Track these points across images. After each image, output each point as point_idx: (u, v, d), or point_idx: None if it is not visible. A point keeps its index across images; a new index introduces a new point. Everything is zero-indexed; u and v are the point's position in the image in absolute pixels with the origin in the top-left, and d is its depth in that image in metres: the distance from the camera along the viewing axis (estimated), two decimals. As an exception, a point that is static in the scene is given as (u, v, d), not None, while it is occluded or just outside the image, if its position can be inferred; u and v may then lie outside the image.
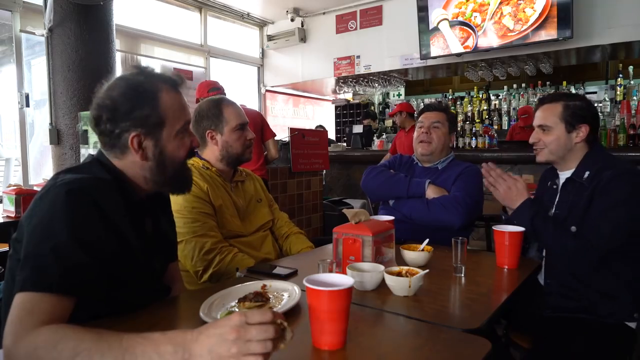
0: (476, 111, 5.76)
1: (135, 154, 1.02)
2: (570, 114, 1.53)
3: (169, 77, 1.08)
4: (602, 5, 3.79)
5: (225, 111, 1.63)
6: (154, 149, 1.04)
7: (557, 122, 1.54)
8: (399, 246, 1.43)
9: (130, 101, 1.01)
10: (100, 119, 1.01)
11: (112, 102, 1.00)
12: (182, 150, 1.09)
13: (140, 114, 1.01)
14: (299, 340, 0.82)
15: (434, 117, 2.04)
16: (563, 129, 1.54)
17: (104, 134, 1.02)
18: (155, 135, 1.04)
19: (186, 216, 1.49)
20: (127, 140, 1.01)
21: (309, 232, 3.96)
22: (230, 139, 1.64)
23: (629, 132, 3.50)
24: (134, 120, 1.01)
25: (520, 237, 1.39)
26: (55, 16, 3.11)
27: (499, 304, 1.08)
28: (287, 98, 6.96)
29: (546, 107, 1.59)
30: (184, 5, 5.01)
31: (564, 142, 1.54)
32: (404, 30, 4.82)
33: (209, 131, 1.64)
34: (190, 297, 1.17)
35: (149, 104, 1.02)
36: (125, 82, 1.03)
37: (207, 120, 1.64)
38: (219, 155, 1.65)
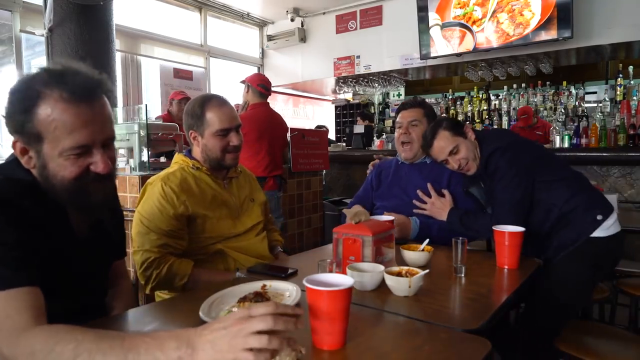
0: (476, 111, 5.76)
1: (25, 162, 0.92)
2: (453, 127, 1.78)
3: (73, 83, 0.88)
4: (602, 5, 3.79)
5: (208, 113, 1.53)
6: (37, 161, 0.91)
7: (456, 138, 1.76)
8: (399, 246, 1.43)
9: (14, 104, 0.90)
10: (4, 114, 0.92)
11: (7, 100, 0.91)
12: (69, 172, 0.91)
13: (18, 119, 0.88)
14: (299, 340, 0.82)
15: (411, 115, 1.99)
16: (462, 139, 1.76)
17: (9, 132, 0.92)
18: (36, 147, 0.90)
19: (141, 226, 1.45)
20: (14, 144, 0.92)
21: (309, 232, 3.97)
22: (209, 143, 1.54)
23: (629, 132, 3.50)
24: (14, 125, 0.90)
25: (520, 237, 1.39)
26: (55, 16, 3.11)
27: (499, 304, 1.08)
28: (287, 98, 6.96)
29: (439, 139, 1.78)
30: (183, 5, 5.01)
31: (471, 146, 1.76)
32: (404, 30, 4.81)
33: (191, 131, 1.58)
34: (190, 297, 1.17)
35: (26, 112, 0.87)
36: (21, 80, 0.92)
37: (191, 119, 1.56)
38: (201, 156, 1.58)
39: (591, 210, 1.65)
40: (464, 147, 1.74)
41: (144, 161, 2.77)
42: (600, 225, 1.63)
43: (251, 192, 1.73)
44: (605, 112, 4.01)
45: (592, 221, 1.64)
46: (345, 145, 5.42)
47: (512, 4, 4.05)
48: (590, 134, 3.64)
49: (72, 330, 0.74)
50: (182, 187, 1.50)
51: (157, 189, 1.47)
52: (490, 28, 4.21)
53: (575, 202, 1.65)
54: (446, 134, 1.76)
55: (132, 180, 2.68)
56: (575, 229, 1.65)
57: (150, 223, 1.44)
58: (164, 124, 3.12)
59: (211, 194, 1.56)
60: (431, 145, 1.79)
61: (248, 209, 1.67)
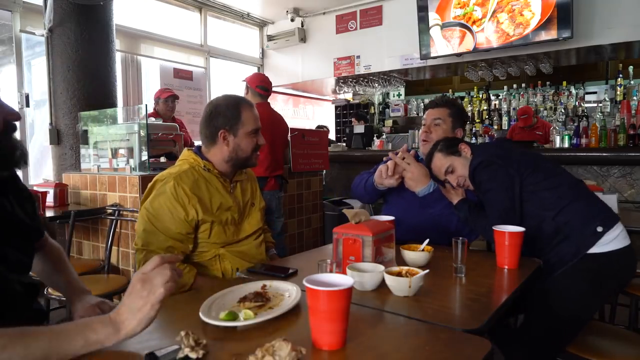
0: (476, 111, 5.77)
1: None
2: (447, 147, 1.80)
3: None
4: (602, 5, 3.79)
5: (243, 113, 1.57)
6: None
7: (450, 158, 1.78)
8: (399, 246, 1.43)
9: None
10: None
11: None
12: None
13: None
14: (299, 340, 0.82)
15: (435, 113, 1.98)
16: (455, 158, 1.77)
17: None
18: None
19: (148, 223, 1.44)
20: None
21: (309, 232, 3.97)
22: (242, 142, 1.57)
23: (629, 132, 3.50)
24: None
25: (520, 237, 1.39)
26: (55, 16, 3.11)
27: (499, 304, 1.08)
28: (287, 98, 6.96)
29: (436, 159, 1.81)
30: (184, 5, 5.01)
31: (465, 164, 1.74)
32: (404, 30, 4.82)
33: (222, 130, 1.56)
34: (190, 298, 1.17)
35: None
36: None
37: (223, 119, 1.56)
38: (227, 156, 1.58)
39: (590, 221, 1.55)
40: (458, 165, 1.75)
41: (144, 161, 2.78)
42: (602, 238, 1.52)
43: (252, 197, 1.73)
44: (605, 112, 4.02)
45: (591, 234, 1.53)
46: (345, 145, 5.43)
47: (512, 4, 4.05)
48: (590, 134, 3.65)
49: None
50: (194, 189, 1.49)
51: (169, 188, 1.45)
52: (490, 28, 4.21)
53: (570, 212, 1.57)
54: (439, 155, 1.80)
55: (132, 180, 2.68)
56: (574, 242, 1.55)
57: (159, 222, 1.43)
58: (165, 124, 3.12)
59: (219, 200, 1.55)
60: (430, 168, 1.83)
61: (249, 215, 1.67)
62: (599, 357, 1.38)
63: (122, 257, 2.84)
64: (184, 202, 1.45)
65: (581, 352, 1.41)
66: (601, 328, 1.69)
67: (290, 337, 0.78)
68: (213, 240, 1.52)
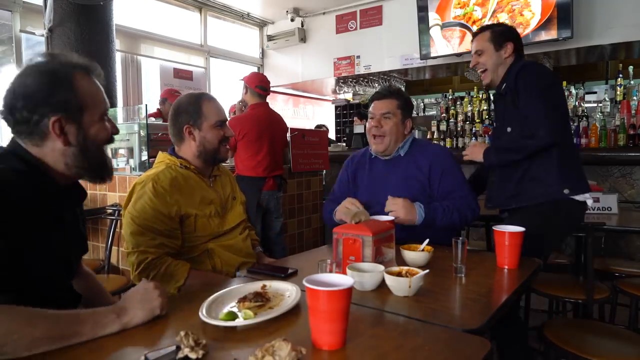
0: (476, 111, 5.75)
1: (57, 139, 1.00)
2: (497, 34, 1.92)
3: (81, 63, 1.06)
4: (602, 5, 3.79)
5: (204, 107, 1.59)
6: (77, 134, 1.03)
7: (487, 44, 1.93)
8: (399, 246, 1.43)
9: (47, 87, 0.99)
10: (14, 107, 0.98)
11: (27, 89, 0.98)
12: (104, 134, 1.08)
13: (59, 98, 0.99)
14: (299, 340, 0.82)
15: (383, 107, 1.87)
16: (492, 47, 1.92)
17: (19, 122, 0.99)
18: (77, 120, 1.02)
19: (134, 226, 1.44)
20: (46, 126, 0.99)
21: (309, 232, 3.97)
22: (208, 135, 1.59)
23: (629, 132, 3.50)
24: (53, 105, 0.99)
25: (520, 237, 1.38)
26: (55, 16, 3.11)
27: (499, 304, 1.08)
28: (287, 98, 6.96)
29: (478, 36, 1.98)
30: (184, 5, 5.01)
31: (494, 59, 1.92)
32: (404, 30, 4.81)
33: (186, 126, 1.59)
34: (189, 298, 1.17)
35: (67, 89, 1.00)
36: (38, 68, 1.01)
37: (186, 115, 1.59)
38: (196, 151, 1.60)
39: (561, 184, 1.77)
40: (487, 55, 1.92)
41: (144, 161, 2.78)
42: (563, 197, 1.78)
43: (233, 190, 1.76)
44: (605, 112, 4.00)
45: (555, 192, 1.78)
46: (345, 145, 5.42)
47: (512, 4, 4.05)
48: (590, 134, 3.64)
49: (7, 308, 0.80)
50: (173, 186, 1.51)
51: (148, 189, 1.47)
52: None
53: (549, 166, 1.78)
54: (485, 35, 1.94)
55: (132, 180, 2.68)
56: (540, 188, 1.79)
57: (144, 222, 1.44)
58: (165, 124, 3.11)
59: (200, 193, 1.58)
60: (475, 36, 1.99)
61: (232, 207, 1.70)
62: (599, 357, 1.38)
63: (122, 257, 2.84)
64: (165, 199, 1.47)
65: (581, 352, 1.41)
66: (601, 328, 1.69)
67: (290, 337, 0.78)
68: (199, 233, 1.54)
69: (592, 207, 2.37)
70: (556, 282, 2.13)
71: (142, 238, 1.44)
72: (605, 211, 2.34)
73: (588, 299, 1.91)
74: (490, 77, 1.94)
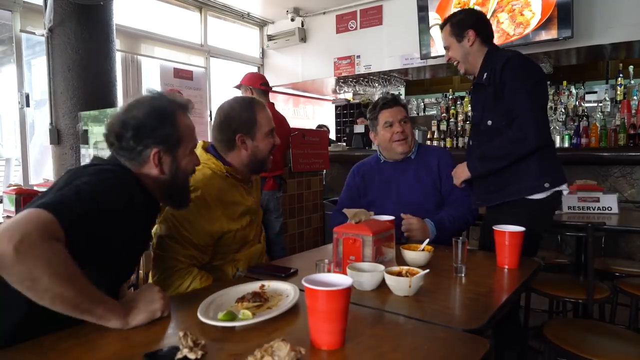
0: (476, 111, 5.75)
1: (154, 168, 1.15)
2: (454, 26, 1.93)
3: (182, 103, 1.23)
4: (602, 5, 3.79)
5: (258, 115, 1.54)
6: (171, 165, 1.18)
7: (450, 38, 1.96)
8: (399, 246, 1.43)
9: (155, 121, 1.14)
10: (123, 136, 1.12)
11: (137, 122, 1.12)
12: (191, 166, 1.25)
13: (163, 132, 1.14)
14: (298, 340, 0.82)
15: (399, 113, 2.02)
16: (454, 41, 1.94)
17: (125, 149, 1.13)
18: (173, 152, 1.18)
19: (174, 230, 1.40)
20: (147, 156, 1.14)
21: (309, 232, 3.97)
22: (261, 145, 1.55)
23: (629, 131, 3.49)
24: (157, 137, 1.14)
25: (520, 237, 1.38)
26: (55, 16, 3.11)
27: (499, 304, 1.08)
28: (287, 98, 6.96)
29: (443, 31, 2.01)
30: (184, 5, 5.00)
31: (460, 51, 1.94)
32: (404, 30, 4.81)
33: (239, 135, 1.52)
34: (189, 298, 1.17)
35: (171, 124, 1.16)
36: (149, 104, 1.16)
37: (239, 123, 1.53)
38: (247, 160, 1.55)
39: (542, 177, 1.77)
40: (454, 49, 1.96)
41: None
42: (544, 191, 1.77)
43: (257, 197, 1.73)
44: (605, 111, 4.00)
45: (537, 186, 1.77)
46: (345, 145, 5.42)
47: (512, 4, 4.04)
48: (590, 133, 3.64)
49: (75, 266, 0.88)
50: (218, 199, 1.46)
51: (195, 195, 1.41)
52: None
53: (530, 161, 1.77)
54: (447, 30, 1.97)
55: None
56: (522, 183, 1.78)
57: (183, 231, 1.40)
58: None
59: (240, 206, 1.53)
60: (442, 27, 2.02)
61: (257, 217, 1.67)
62: (599, 357, 1.38)
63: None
64: (210, 215, 1.43)
65: (581, 352, 1.41)
66: (601, 328, 1.69)
67: (289, 337, 0.78)
68: (233, 245, 1.51)
69: (592, 207, 2.37)
70: (556, 282, 2.13)
71: (177, 246, 1.39)
72: (606, 211, 2.34)
73: (588, 299, 1.91)
74: (464, 67, 1.98)
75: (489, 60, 1.87)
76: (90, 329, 0.92)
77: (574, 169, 3.46)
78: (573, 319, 2.35)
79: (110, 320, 0.92)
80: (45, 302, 0.84)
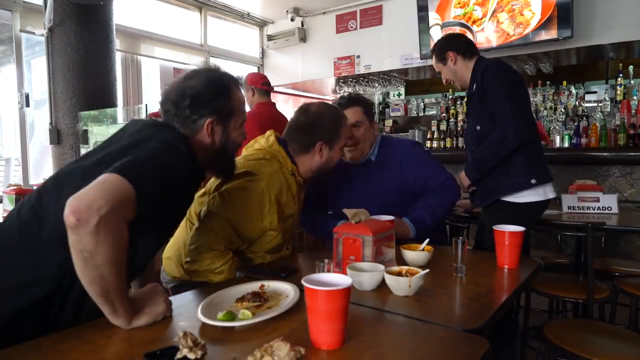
0: (476, 111, 5.75)
1: (206, 137, 1.18)
2: (437, 54, 2.13)
3: (236, 77, 1.27)
4: (602, 4, 3.79)
5: (342, 129, 1.54)
6: (222, 135, 1.21)
7: (438, 64, 2.15)
8: (399, 246, 1.43)
9: (211, 92, 1.17)
10: (180, 104, 1.15)
11: (195, 91, 1.16)
12: (240, 139, 1.27)
13: (218, 103, 1.18)
14: (297, 340, 0.82)
15: (351, 116, 1.80)
16: (442, 65, 2.12)
17: (179, 116, 1.16)
18: (225, 124, 1.21)
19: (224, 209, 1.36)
20: (201, 125, 1.17)
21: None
22: (336, 156, 1.55)
23: (629, 131, 3.50)
24: (212, 108, 1.17)
25: (520, 237, 1.38)
26: (55, 16, 3.11)
27: (499, 304, 1.08)
28: (287, 98, 6.95)
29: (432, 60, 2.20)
30: (184, 5, 5.00)
31: (449, 72, 2.12)
32: (404, 30, 4.81)
33: (320, 142, 1.51)
34: (188, 298, 1.17)
35: (226, 97, 1.20)
36: (206, 75, 1.20)
37: (324, 131, 1.51)
38: (316, 167, 1.54)
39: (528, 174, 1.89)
40: (444, 72, 2.14)
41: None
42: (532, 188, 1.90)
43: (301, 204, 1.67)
44: (605, 111, 4.00)
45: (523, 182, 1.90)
46: (345, 145, 5.42)
47: (512, 4, 4.04)
48: (590, 133, 3.64)
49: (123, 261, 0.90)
50: (277, 199, 1.44)
51: (258, 188, 1.39)
52: (490, 28, 4.20)
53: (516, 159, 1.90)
54: (434, 58, 2.17)
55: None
56: (510, 180, 1.91)
57: (232, 214, 1.37)
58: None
59: (291, 208, 1.52)
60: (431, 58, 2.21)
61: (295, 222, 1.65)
62: (599, 357, 1.38)
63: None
64: (265, 209, 1.41)
65: (581, 352, 1.41)
66: (601, 328, 1.69)
67: (289, 337, 0.78)
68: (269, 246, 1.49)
69: (592, 207, 2.37)
70: (556, 282, 2.13)
71: (220, 226, 1.36)
72: (605, 211, 2.34)
73: (588, 299, 1.91)
74: (458, 84, 2.15)
75: (475, 72, 2.03)
76: (90, 329, 0.92)
77: (574, 169, 3.46)
78: (573, 319, 2.35)
79: (119, 318, 0.92)
80: (87, 277, 0.86)
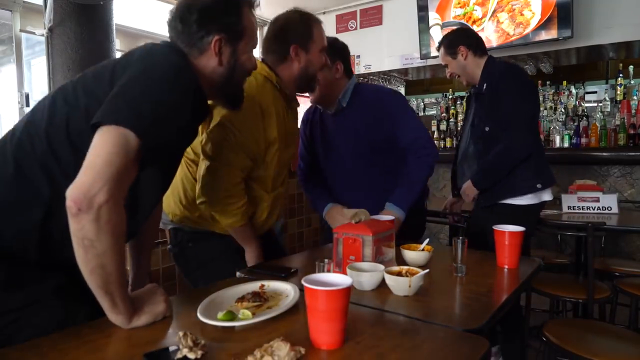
0: (476, 111, 5.76)
1: (213, 57, 1.10)
2: (447, 46, 2.14)
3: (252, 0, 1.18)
4: (602, 5, 3.79)
5: (315, 30, 1.51)
6: (230, 57, 1.13)
7: (446, 57, 2.16)
8: (399, 246, 1.43)
9: (221, 6, 1.10)
10: (186, 19, 1.09)
11: (203, 5, 1.08)
12: (250, 64, 1.19)
13: (227, 20, 1.10)
14: (297, 340, 0.82)
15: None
16: (450, 59, 2.14)
17: (185, 33, 1.10)
18: (234, 44, 1.13)
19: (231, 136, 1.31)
20: (208, 43, 1.09)
21: (309, 232, 3.96)
22: (315, 59, 1.50)
23: (629, 131, 3.50)
24: (220, 25, 1.09)
25: (520, 236, 1.38)
26: (55, 16, 3.11)
27: (499, 304, 1.08)
28: (287, 98, 6.95)
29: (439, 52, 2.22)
30: (184, 5, 5.00)
31: (457, 66, 2.13)
32: (404, 30, 4.81)
33: (294, 46, 1.47)
34: (188, 298, 1.17)
35: (236, 14, 1.12)
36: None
37: (295, 34, 1.49)
38: (297, 74, 1.50)
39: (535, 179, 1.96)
40: (452, 65, 2.15)
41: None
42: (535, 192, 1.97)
43: (296, 124, 1.64)
44: (605, 111, 4.00)
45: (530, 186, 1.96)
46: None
47: (512, 4, 4.04)
48: (590, 133, 3.64)
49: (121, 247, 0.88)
50: (275, 107, 1.40)
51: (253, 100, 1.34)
52: (490, 28, 4.20)
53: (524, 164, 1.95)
54: (442, 51, 2.18)
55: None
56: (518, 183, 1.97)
57: (240, 136, 1.32)
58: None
59: (284, 122, 1.47)
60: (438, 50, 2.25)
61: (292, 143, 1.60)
62: (599, 356, 1.38)
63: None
64: (266, 121, 1.37)
65: (581, 352, 1.41)
66: (601, 328, 1.69)
67: (289, 337, 0.78)
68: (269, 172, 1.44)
69: (592, 207, 2.37)
70: (556, 282, 2.13)
71: (232, 154, 1.31)
72: (605, 211, 2.34)
73: (588, 299, 1.91)
74: (465, 79, 2.16)
75: (488, 71, 2.03)
76: (90, 329, 0.92)
77: (574, 169, 3.46)
78: (573, 318, 2.35)
79: (119, 314, 0.91)
80: (89, 266, 0.84)
